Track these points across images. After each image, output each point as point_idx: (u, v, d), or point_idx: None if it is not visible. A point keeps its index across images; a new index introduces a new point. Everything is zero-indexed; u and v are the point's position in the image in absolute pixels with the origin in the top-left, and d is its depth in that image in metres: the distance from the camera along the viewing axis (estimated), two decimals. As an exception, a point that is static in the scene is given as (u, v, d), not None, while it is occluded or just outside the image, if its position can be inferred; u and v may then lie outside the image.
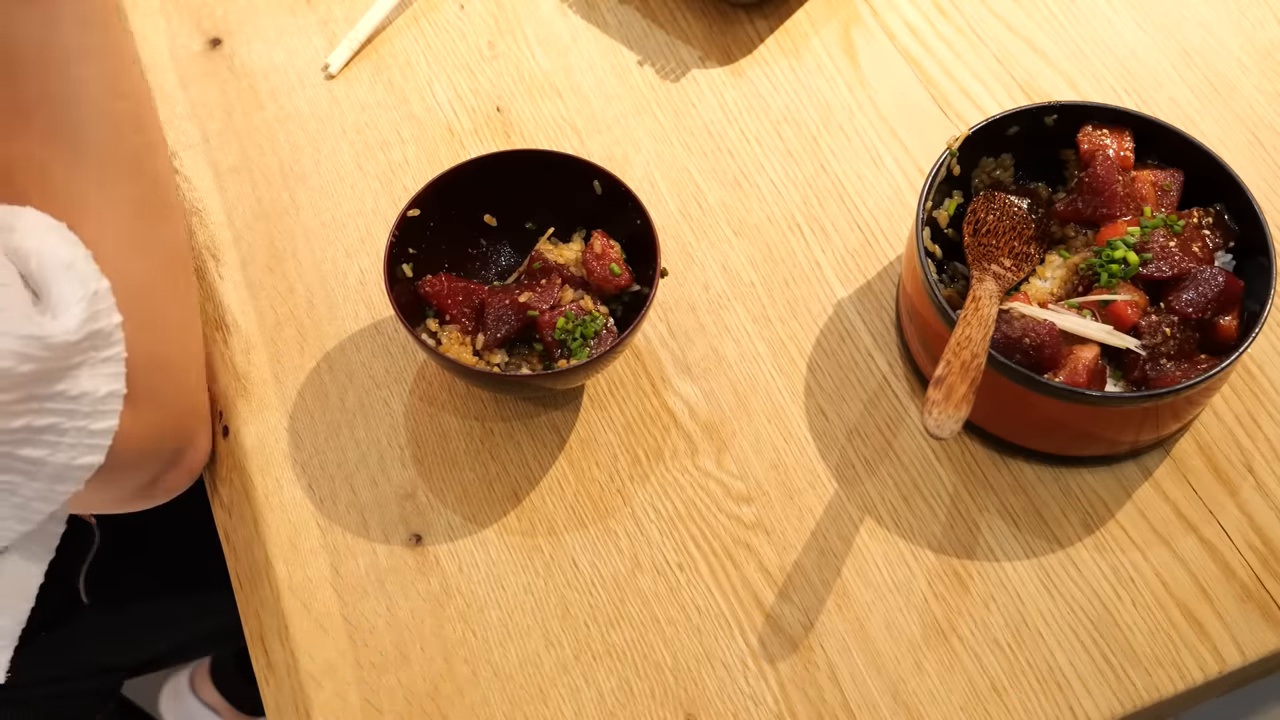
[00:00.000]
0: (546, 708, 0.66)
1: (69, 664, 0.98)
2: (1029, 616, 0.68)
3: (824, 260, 0.80)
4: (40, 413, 0.58)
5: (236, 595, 0.72)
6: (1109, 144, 0.73)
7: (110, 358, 0.62)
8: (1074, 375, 0.66)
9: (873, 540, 0.70)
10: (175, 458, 0.70)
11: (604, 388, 0.75)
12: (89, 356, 0.61)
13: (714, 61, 0.89)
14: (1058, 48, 0.89)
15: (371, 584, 0.69)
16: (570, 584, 0.69)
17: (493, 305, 0.72)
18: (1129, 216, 0.71)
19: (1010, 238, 0.72)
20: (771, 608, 0.68)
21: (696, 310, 0.78)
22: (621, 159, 0.84)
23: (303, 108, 0.87)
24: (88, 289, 0.61)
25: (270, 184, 0.83)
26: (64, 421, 0.60)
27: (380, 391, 0.75)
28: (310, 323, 0.78)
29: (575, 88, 0.88)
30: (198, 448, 0.73)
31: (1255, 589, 0.68)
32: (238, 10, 0.91)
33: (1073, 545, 0.70)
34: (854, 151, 0.84)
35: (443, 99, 0.87)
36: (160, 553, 1.00)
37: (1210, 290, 0.68)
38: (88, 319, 0.60)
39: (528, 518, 0.71)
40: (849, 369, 0.76)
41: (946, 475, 0.72)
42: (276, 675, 0.68)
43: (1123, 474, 0.72)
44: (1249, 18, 0.90)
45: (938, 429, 0.61)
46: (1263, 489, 0.71)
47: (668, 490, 0.72)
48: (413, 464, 0.73)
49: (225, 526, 0.74)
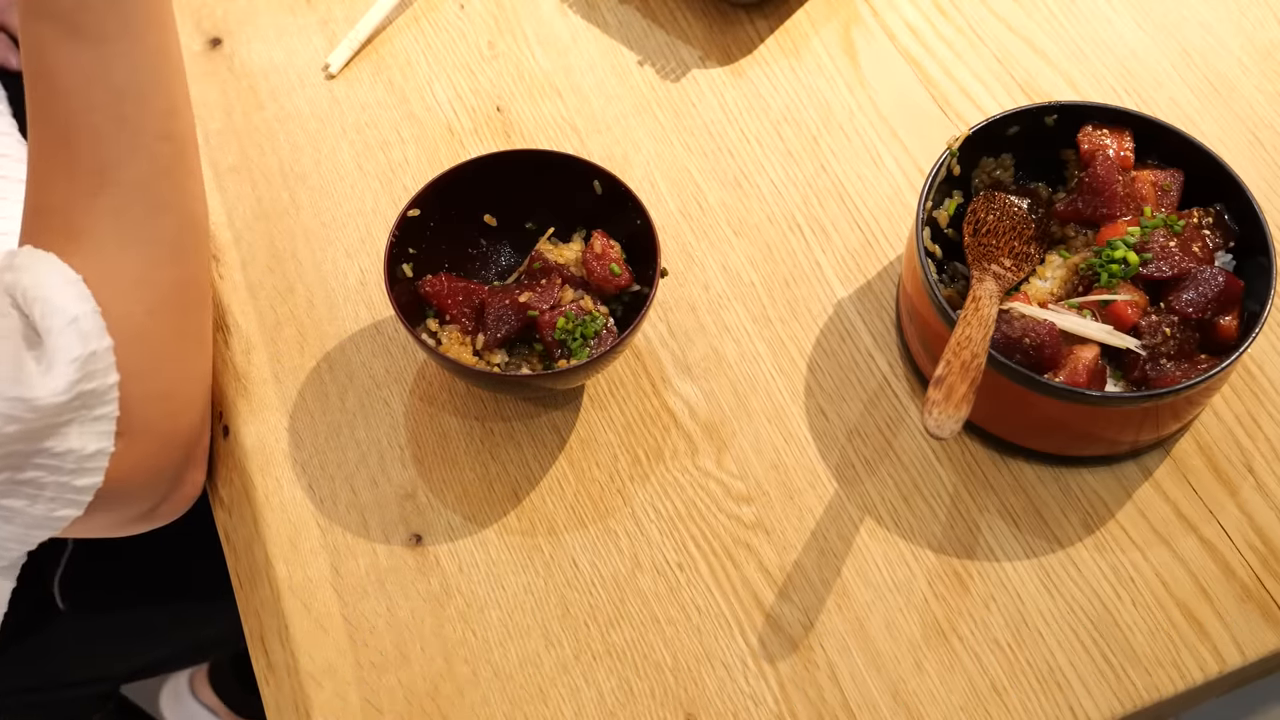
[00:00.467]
0: (546, 708, 0.66)
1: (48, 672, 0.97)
2: (1029, 616, 0.68)
3: (824, 260, 0.80)
4: (22, 468, 0.59)
5: (236, 595, 0.72)
6: (1109, 144, 0.73)
7: (102, 416, 0.62)
8: (1074, 375, 0.66)
9: (873, 540, 0.70)
10: (173, 486, 0.71)
11: (604, 388, 0.75)
12: (79, 415, 0.61)
13: (714, 61, 0.89)
14: (1058, 48, 0.89)
15: (371, 584, 0.69)
16: (570, 584, 0.69)
17: (493, 305, 0.72)
18: (1129, 216, 0.71)
19: (1010, 238, 0.72)
20: (771, 608, 0.68)
21: (696, 310, 0.78)
22: (621, 159, 0.84)
23: (303, 108, 0.87)
24: (86, 349, 0.61)
25: (270, 184, 0.83)
26: (45, 476, 0.60)
27: (380, 391, 0.75)
28: (310, 323, 0.78)
29: (575, 88, 0.88)
30: (193, 478, 0.73)
31: (1255, 589, 0.68)
32: (238, 10, 0.91)
33: (1073, 545, 0.70)
34: (854, 151, 0.84)
35: (443, 99, 0.87)
36: (139, 556, 0.99)
37: (1210, 290, 0.68)
38: (80, 379, 0.60)
39: (528, 518, 0.71)
40: (849, 369, 0.76)
41: (946, 475, 0.72)
42: (276, 675, 0.68)
43: (1123, 474, 0.72)
44: (1249, 18, 0.90)
45: (938, 429, 0.61)
46: (1263, 489, 0.71)
47: (668, 490, 0.72)
48: (413, 464, 0.73)
49: (225, 526, 0.74)
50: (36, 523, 0.61)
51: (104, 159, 0.65)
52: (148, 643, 1.07)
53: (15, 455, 0.58)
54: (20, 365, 0.58)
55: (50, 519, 0.61)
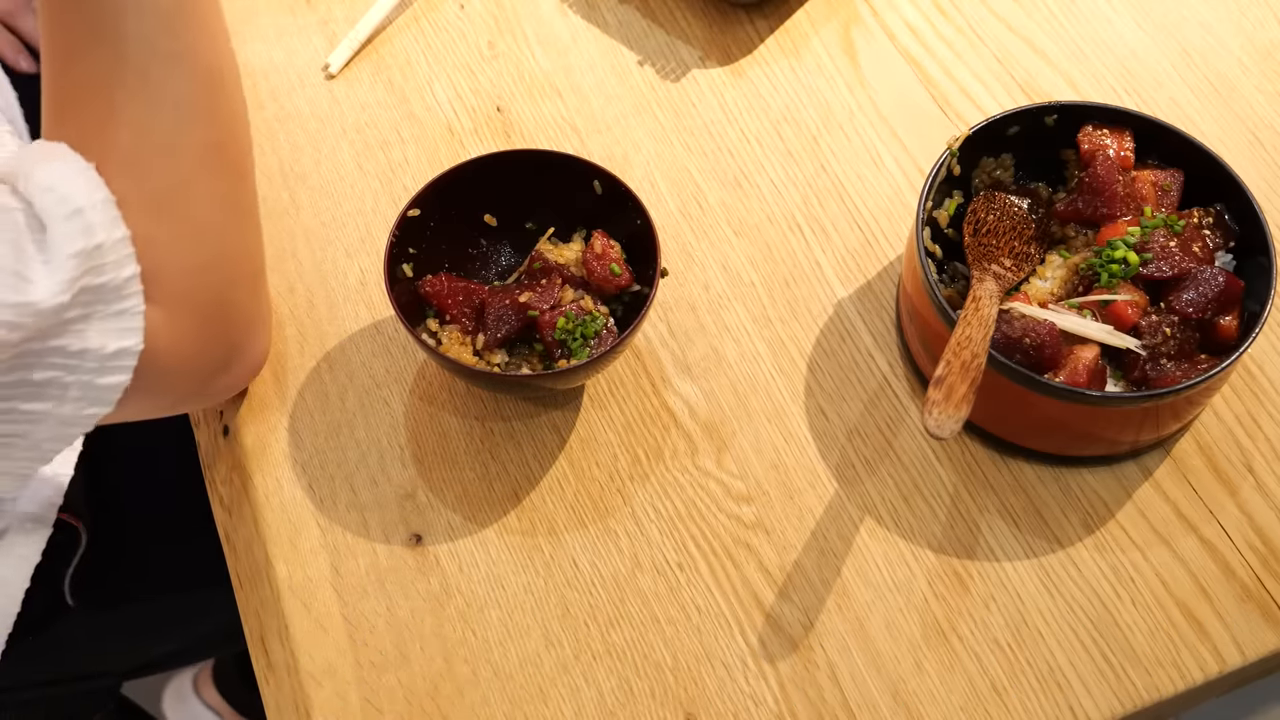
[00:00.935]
0: (546, 707, 0.66)
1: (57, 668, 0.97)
2: (1029, 616, 0.68)
3: (824, 260, 0.80)
4: (35, 367, 0.57)
5: (236, 595, 0.72)
6: (1109, 144, 0.73)
7: (123, 311, 0.59)
8: (1074, 375, 0.66)
9: (873, 540, 0.70)
10: (226, 362, 0.69)
11: (604, 388, 0.75)
12: (94, 311, 0.58)
13: (714, 61, 0.89)
14: (1058, 48, 0.89)
15: (371, 584, 0.69)
16: (570, 584, 0.69)
17: (493, 305, 0.72)
18: (1129, 216, 0.71)
19: (1010, 238, 0.72)
20: (771, 608, 0.68)
21: (696, 310, 0.78)
22: (621, 159, 0.84)
23: (303, 107, 0.87)
24: (90, 241, 0.58)
25: (270, 184, 0.83)
26: (65, 376, 0.58)
27: (380, 391, 0.75)
28: (310, 323, 0.78)
29: (575, 88, 0.88)
30: (252, 352, 0.71)
31: (1255, 589, 0.68)
32: (238, 10, 0.91)
33: (1073, 545, 0.70)
34: (854, 151, 0.84)
35: (443, 99, 0.87)
36: (148, 556, 0.99)
37: (1210, 290, 0.68)
38: (83, 274, 0.57)
39: (528, 518, 0.71)
40: (849, 369, 0.76)
41: (946, 475, 0.72)
42: (276, 675, 0.68)
43: (1123, 474, 0.72)
44: (1249, 18, 0.90)
45: (938, 429, 0.61)
46: (1263, 489, 0.71)
47: (668, 490, 0.72)
48: (413, 464, 0.73)
49: (225, 526, 0.74)
50: (69, 421, 0.59)
51: (107, 13, 0.61)
52: (156, 638, 1.07)
53: (27, 355, 0.56)
54: (25, 265, 0.56)
55: (81, 417, 0.60)
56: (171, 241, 0.62)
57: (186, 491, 0.91)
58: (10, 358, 0.56)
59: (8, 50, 1.01)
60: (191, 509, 0.87)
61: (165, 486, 1.01)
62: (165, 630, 1.07)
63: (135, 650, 1.06)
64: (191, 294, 0.64)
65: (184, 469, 0.86)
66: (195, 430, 0.77)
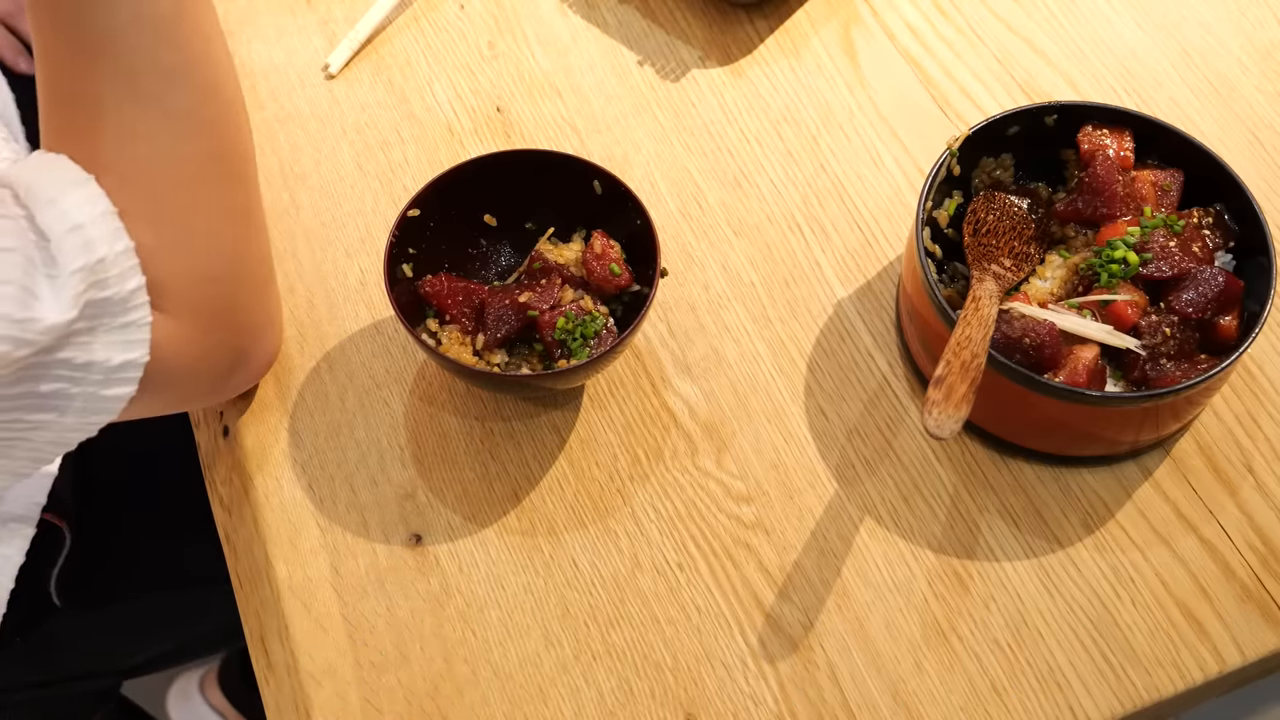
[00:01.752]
0: (546, 708, 0.66)
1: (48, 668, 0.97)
2: (1029, 616, 0.68)
3: (824, 260, 0.80)
4: (41, 379, 0.57)
5: (236, 595, 0.72)
6: (1109, 144, 0.73)
7: (129, 324, 0.59)
8: (1074, 375, 0.66)
9: (873, 540, 0.70)
10: (233, 366, 0.69)
11: (604, 388, 0.75)
12: (100, 324, 0.58)
13: (714, 61, 0.89)
14: (1058, 48, 0.89)
15: (371, 584, 0.69)
16: (570, 584, 0.69)
17: (493, 305, 0.72)
18: (1129, 216, 0.71)
19: (1010, 238, 0.72)
20: (771, 608, 0.68)
21: (696, 310, 0.78)
22: (621, 159, 0.84)
23: (303, 108, 0.87)
24: (92, 256, 0.58)
25: (270, 184, 0.83)
26: (70, 388, 0.58)
27: (380, 391, 0.75)
28: (310, 323, 0.78)
29: (575, 88, 0.88)
30: (260, 354, 0.71)
31: (1255, 589, 0.68)
32: (238, 10, 0.91)
33: (1073, 545, 0.70)
34: (854, 151, 0.84)
35: (443, 99, 0.87)
36: (140, 555, 0.99)
37: (1210, 290, 0.68)
38: (87, 289, 0.57)
39: (528, 518, 0.71)
40: (849, 369, 0.76)
41: (946, 475, 0.72)
42: (276, 675, 0.68)
43: (1123, 474, 0.72)
44: (1249, 18, 0.90)
45: (938, 429, 0.61)
46: (1263, 489, 0.71)
47: (668, 490, 0.72)
48: (413, 464, 0.73)
49: (225, 526, 0.74)
50: (72, 428, 0.60)
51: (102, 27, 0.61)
52: (148, 638, 1.07)
53: (34, 367, 0.56)
54: (33, 280, 0.56)
55: (85, 425, 0.60)
56: (176, 251, 0.63)
57: (184, 491, 0.91)
58: (16, 370, 0.56)
59: (7, 51, 1.01)
60: (189, 508, 0.87)
61: (160, 486, 1.01)
62: (158, 630, 1.07)
63: (128, 650, 1.06)
64: (197, 302, 0.64)
65: (184, 469, 0.86)
66: (195, 431, 0.77)
